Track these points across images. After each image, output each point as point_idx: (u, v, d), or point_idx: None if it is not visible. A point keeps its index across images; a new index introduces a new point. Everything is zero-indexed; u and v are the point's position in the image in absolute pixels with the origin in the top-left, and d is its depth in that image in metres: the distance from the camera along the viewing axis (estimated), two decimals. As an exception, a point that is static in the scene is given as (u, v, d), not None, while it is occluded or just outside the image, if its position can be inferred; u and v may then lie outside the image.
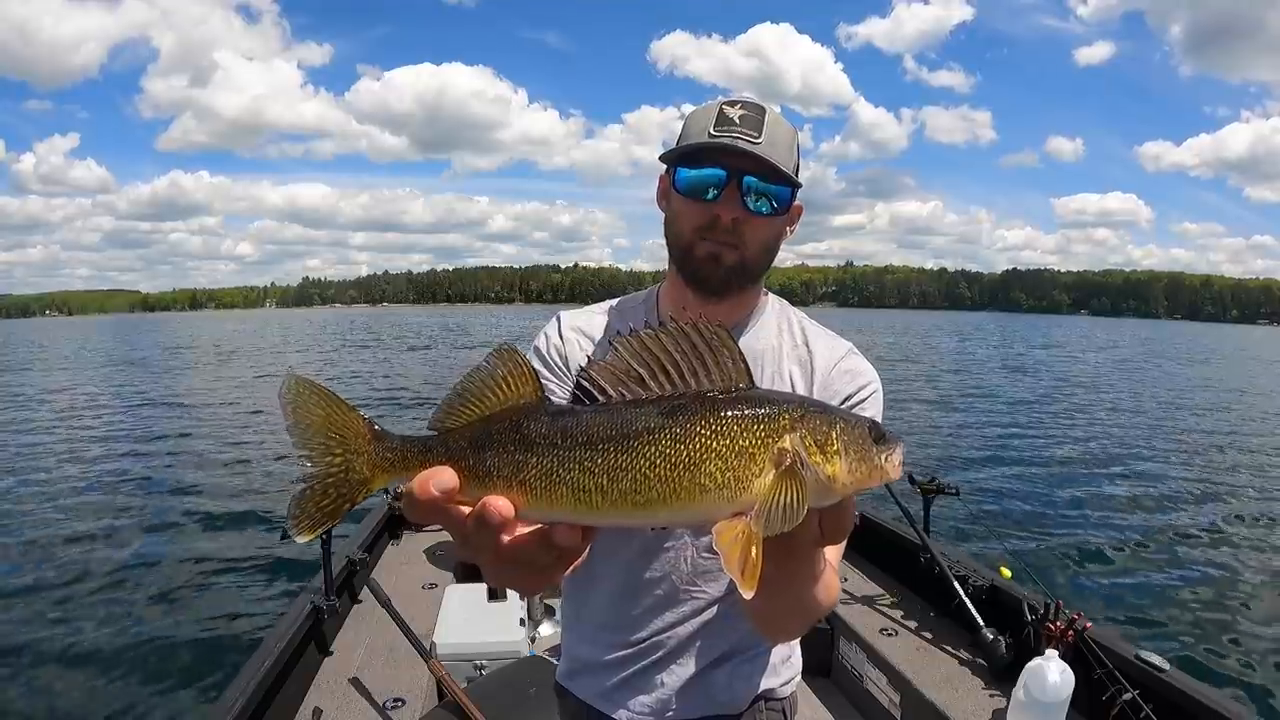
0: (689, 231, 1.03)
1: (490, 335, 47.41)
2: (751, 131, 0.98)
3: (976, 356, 34.00)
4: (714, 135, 0.98)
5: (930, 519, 3.25)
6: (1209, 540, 6.99)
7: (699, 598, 1.13)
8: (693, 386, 0.54)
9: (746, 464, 0.52)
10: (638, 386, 0.55)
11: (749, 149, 0.96)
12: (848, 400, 1.08)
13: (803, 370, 1.11)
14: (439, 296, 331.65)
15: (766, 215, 1.01)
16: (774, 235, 1.06)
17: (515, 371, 0.56)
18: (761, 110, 1.00)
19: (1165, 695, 2.12)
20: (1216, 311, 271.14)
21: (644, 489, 0.51)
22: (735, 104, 1.01)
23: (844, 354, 1.12)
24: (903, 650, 2.75)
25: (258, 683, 2.17)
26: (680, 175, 1.02)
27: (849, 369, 1.11)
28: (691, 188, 1.01)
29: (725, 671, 1.16)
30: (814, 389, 1.09)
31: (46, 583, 5.67)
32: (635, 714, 1.16)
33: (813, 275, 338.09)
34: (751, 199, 0.99)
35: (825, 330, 1.17)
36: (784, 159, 0.99)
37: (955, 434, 12.37)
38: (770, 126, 0.99)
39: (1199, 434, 13.09)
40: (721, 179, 0.99)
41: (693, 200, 1.02)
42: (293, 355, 33.03)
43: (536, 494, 0.52)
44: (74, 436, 12.21)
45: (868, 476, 0.55)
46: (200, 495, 8.28)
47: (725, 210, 1.00)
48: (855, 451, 0.54)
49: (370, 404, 15.02)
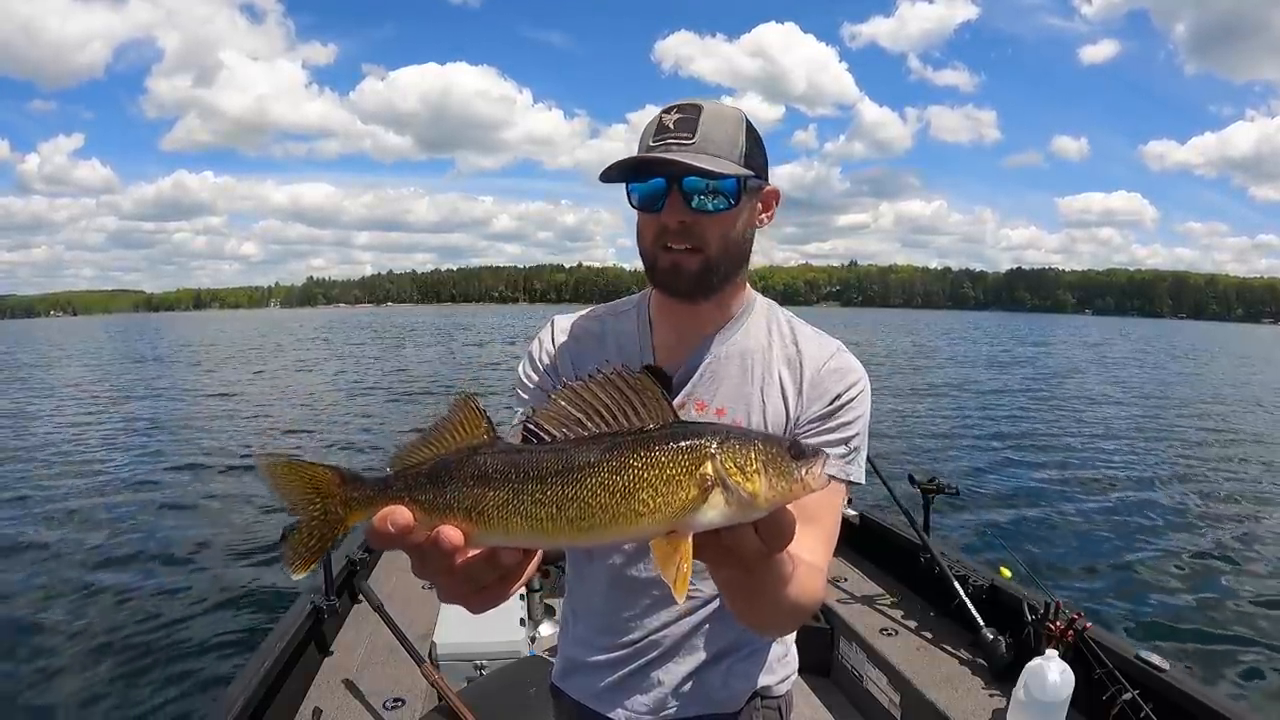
0: (649, 243, 1.06)
1: (491, 335, 47.50)
2: (684, 134, 0.99)
3: (977, 356, 33.93)
4: (652, 146, 1.00)
5: (930, 519, 3.24)
6: (1210, 540, 6.97)
7: (694, 597, 1.14)
8: (625, 426, 0.62)
9: (674, 489, 0.59)
10: (578, 428, 0.62)
11: (678, 155, 0.97)
12: (837, 399, 1.08)
13: (791, 369, 1.11)
14: (443, 296, 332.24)
15: (717, 212, 1.01)
16: (736, 228, 1.05)
17: (470, 417, 0.63)
18: (697, 109, 1.01)
19: (1165, 695, 2.11)
20: (1221, 310, 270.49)
21: (588, 516, 0.59)
22: (672, 110, 1.02)
23: (833, 353, 1.12)
24: (903, 650, 2.75)
25: (258, 683, 2.17)
26: (630, 190, 1.04)
27: (837, 367, 1.11)
28: (640, 201, 1.04)
29: (721, 669, 1.16)
30: (803, 387, 1.09)
31: (46, 581, 5.69)
32: (632, 713, 1.16)
33: (816, 275, 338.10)
34: (696, 199, 1.00)
35: (814, 330, 1.17)
36: (723, 151, 0.99)
37: (955, 434, 12.34)
38: (706, 123, 1.00)
39: (1200, 433, 13.06)
40: (661, 188, 1.00)
41: (645, 213, 1.04)
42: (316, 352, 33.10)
43: (493, 523, 0.59)
44: (74, 435, 12.26)
45: (789, 490, 0.61)
46: (201, 495, 8.31)
47: (670, 217, 1.01)
48: (774, 469, 0.61)
49: (377, 403, 15.01)
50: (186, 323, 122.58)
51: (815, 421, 1.07)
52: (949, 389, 19.33)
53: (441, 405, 0.66)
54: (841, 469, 1.06)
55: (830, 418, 1.08)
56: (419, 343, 41.25)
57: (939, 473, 3.41)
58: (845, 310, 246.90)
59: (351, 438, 11.83)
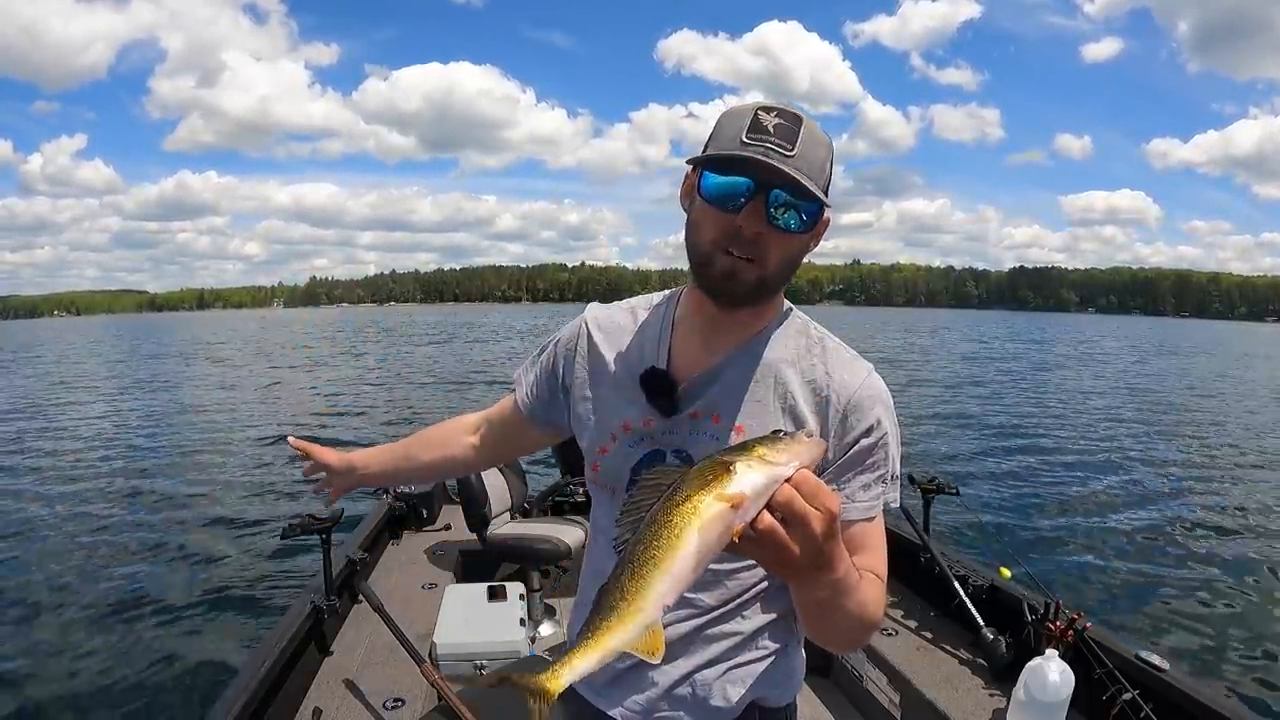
0: (708, 242, 1.00)
1: (495, 333, 47.47)
2: (785, 143, 0.93)
3: (979, 355, 33.89)
4: (746, 143, 0.93)
5: (930, 519, 3.25)
6: (1210, 540, 6.96)
7: (696, 604, 1.11)
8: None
9: (706, 477, 0.72)
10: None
11: (780, 163, 0.92)
12: (868, 432, 1.05)
13: (818, 395, 1.07)
14: (446, 296, 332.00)
15: (792, 232, 0.97)
16: (797, 251, 1.02)
17: None
18: (798, 120, 0.95)
19: (1165, 695, 2.11)
20: (1224, 309, 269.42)
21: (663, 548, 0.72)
22: (771, 111, 0.95)
23: (863, 379, 1.07)
24: (903, 650, 2.75)
25: (258, 683, 2.17)
26: (706, 180, 0.98)
27: (867, 395, 1.06)
28: (716, 195, 0.97)
29: (719, 675, 1.13)
30: (829, 414, 1.05)
31: (46, 580, 5.71)
32: (630, 712, 1.15)
33: (819, 273, 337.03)
34: (778, 213, 0.95)
35: (846, 350, 1.12)
36: (814, 175, 0.94)
37: (955, 434, 12.34)
38: (805, 139, 0.94)
39: (1201, 435, 13.04)
40: (749, 189, 0.95)
41: (716, 208, 0.98)
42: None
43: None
44: (76, 434, 12.30)
45: (794, 441, 0.72)
46: (201, 495, 8.32)
47: (748, 222, 0.95)
48: (770, 440, 0.73)
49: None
50: (200, 322, 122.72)
51: (851, 454, 1.05)
52: (949, 388, 19.32)
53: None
54: (883, 499, 1.07)
55: (869, 453, 1.05)
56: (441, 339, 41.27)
57: (939, 472, 3.40)
58: (848, 309, 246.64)
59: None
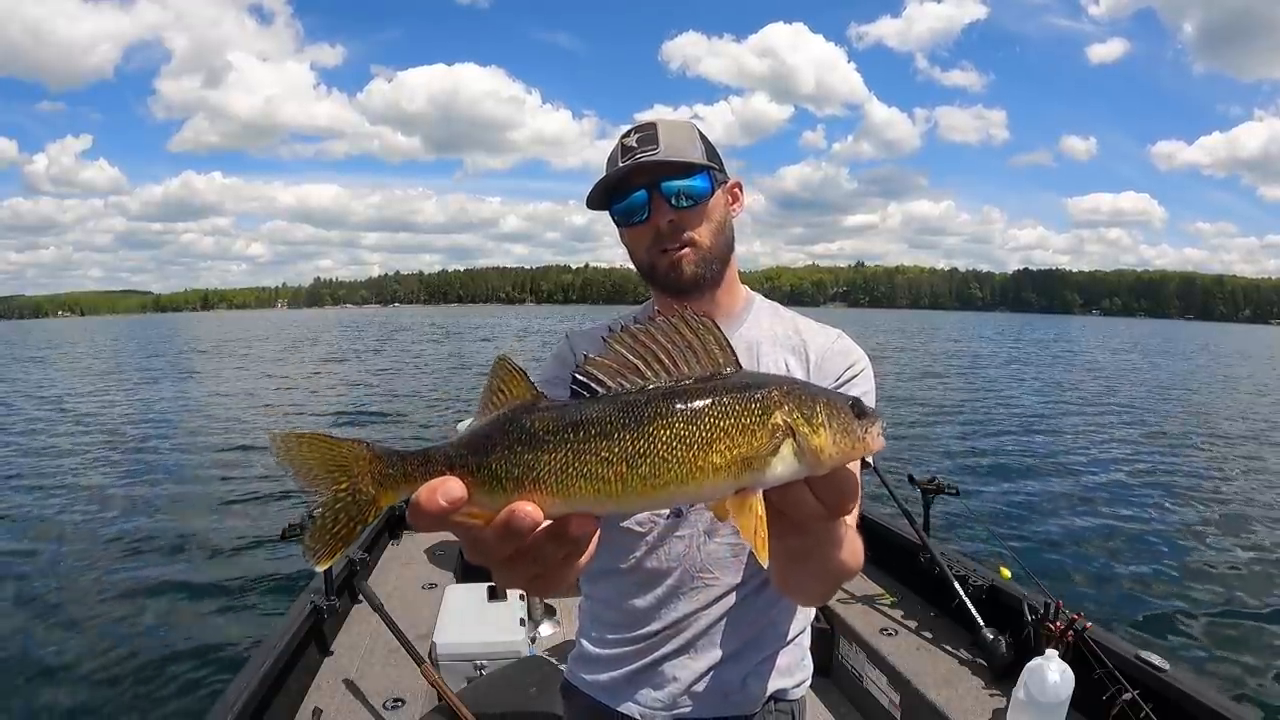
0: (644, 252, 1.15)
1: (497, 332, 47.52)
2: (649, 146, 1.09)
3: (980, 356, 33.80)
4: (621, 164, 1.09)
5: (930, 519, 3.24)
6: (1210, 540, 6.94)
7: (712, 585, 1.14)
8: (685, 373, 0.57)
9: (749, 440, 0.54)
10: (635, 377, 0.56)
11: (649, 160, 1.07)
12: (839, 378, 1.14)
13: (797, 356, 1.17)
14: (450, 297, 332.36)
15: (698, 203, 1.11)
16: (719, 217, 1.15)
17: (507, 377, 0.57)
18: (654, 124, 1.12)
19: (1165, 695, 2.11)
20: (1229, 311, 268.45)
21: (662, 472, 0.53)
22: (630, 132, 1.12)
23: (835, 338, 1.20)
24: (903, 650, 2.75)
25: (258, 683, 2.18)
26: (614, 210, 1.14)
27: (840, 350, 1.18)
28: (625, 215, 1.13)
29: (740, 669, 1.15)
30: (810, 372, 1.15)
31: (45, 580, 5.73)
32: (646, 708, 1.15)
33: (824, 276, 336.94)
34: (675, 199, 1.09)
35: (815, 321, 1.24)
36: (686, 153, 1.10)
37: (955, 434, 12.30)
38: (665, 133, 1.10)
39: (1202, 435, 12.96)
40: (644, 197, 1.10)
41: (633, 226, 1.14)
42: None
43: (552, 491, 0.52)
44: (76, 433, 12.33)
45: (851, 448, 0.58)
46: (202, 494, 8.34)
47: (660, 219, 1.10)
48: (839, 424, 0.57)
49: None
50: (208, 323, 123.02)
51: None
52: (950, 388, 19.28)
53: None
54: None
55: (850, 386, 1.14)
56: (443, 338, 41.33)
57: (939, 472, 3.40)
58: (852, 311, 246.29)
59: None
